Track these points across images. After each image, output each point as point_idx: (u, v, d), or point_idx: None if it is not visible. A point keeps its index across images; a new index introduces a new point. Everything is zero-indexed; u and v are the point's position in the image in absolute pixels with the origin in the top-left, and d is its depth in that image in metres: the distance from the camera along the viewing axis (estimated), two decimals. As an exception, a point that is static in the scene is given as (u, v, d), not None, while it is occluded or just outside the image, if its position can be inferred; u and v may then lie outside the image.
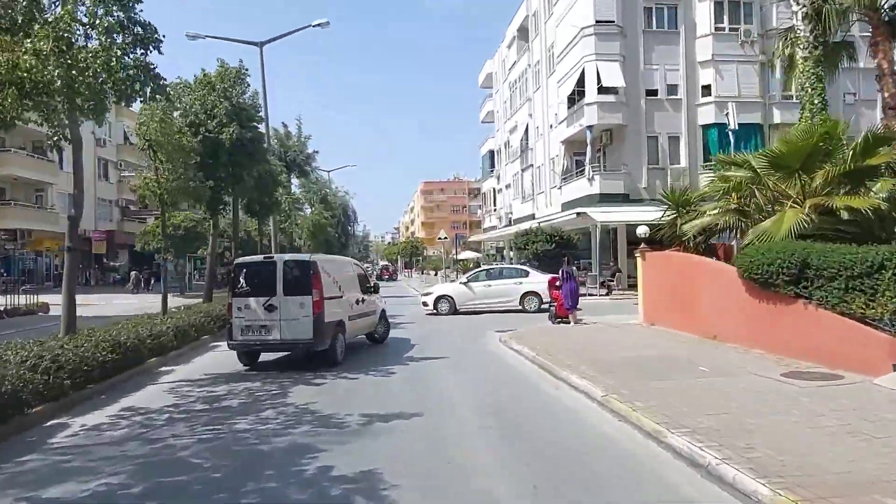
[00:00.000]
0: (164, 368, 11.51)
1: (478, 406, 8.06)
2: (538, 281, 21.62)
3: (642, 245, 16.22)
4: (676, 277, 14.23)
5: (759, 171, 13.08)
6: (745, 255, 11.06)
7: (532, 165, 41.96)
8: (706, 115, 30.97)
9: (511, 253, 51.38)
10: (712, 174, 30.65)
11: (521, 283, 21.67)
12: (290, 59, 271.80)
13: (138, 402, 8.74)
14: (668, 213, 15.37)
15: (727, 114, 18.74)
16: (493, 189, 55.41)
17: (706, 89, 31.16)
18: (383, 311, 14.81)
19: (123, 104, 10.34)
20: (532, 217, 40.37)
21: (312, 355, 11.50)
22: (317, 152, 33.79)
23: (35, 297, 25.73)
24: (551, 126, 37.53)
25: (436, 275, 56.23)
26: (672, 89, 31.40)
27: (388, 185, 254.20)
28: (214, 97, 16.47)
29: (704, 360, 10.27)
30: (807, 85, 15.55)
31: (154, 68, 10.28)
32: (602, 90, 30.33)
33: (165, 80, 10.43)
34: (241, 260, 12.62)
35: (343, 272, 12.84)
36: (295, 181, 38.91)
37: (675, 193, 15.25)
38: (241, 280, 11.50)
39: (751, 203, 13.20)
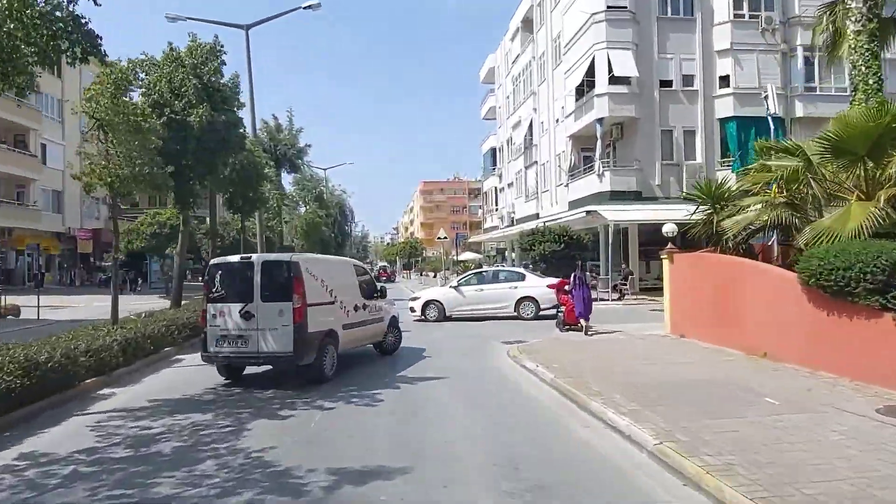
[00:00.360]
0: (104, 391, 9.51)
1: (487, 457, 6.04)
2: (535, 285, 19.70)
3: (669, 245, 14.26)
4: (713, 282, 12.23)
5: (812, 158, 11.14)
6: (811, 258, 9.05)
7: (536, 162, 39.97)
8: (724, 107, 29.01)
9: (513, 254, 49.40)
10: (730, 171, 28.91)
11: (516, 287, 19.69)
12: (286, 59, 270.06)
13: (47, 444, 6.74)
14: (700, 208, 13.40)
15: (766, 97, 16.71)
16: (495, 188, 53.42)
17: (724, 80, 29.18)
18: (394, 318, 13.06)
19: (47, 68, 8.33)
20: (536, 216, 38.46)
21: (296, 370, 9.82)
22: (309, 146, 31.77)
23: (3, 298, 23.71)
24: (557, 120, 35.56)
25: (434, 276, 54.25)
26: (688, 80, 29.40)
27: (387, 185, 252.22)
28: (183, 74, 14.44)
29: (766, 386, 8.28)
30: (860, 63, 13.53)
31: (86, 22, 8.30)
32: (613, 80, 28.33)
33: (101, 38, 8.44)
34: (216, 260, 10.81)
35: (337, 274, 11.18)
36: (288, 178, 37.02)
37: (711, 186, 13.22)
38: (216, 283, 10.06)
39: (807, 195, 11.22)
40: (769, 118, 15.72)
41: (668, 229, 14.18)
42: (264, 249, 24.74)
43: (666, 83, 29.25)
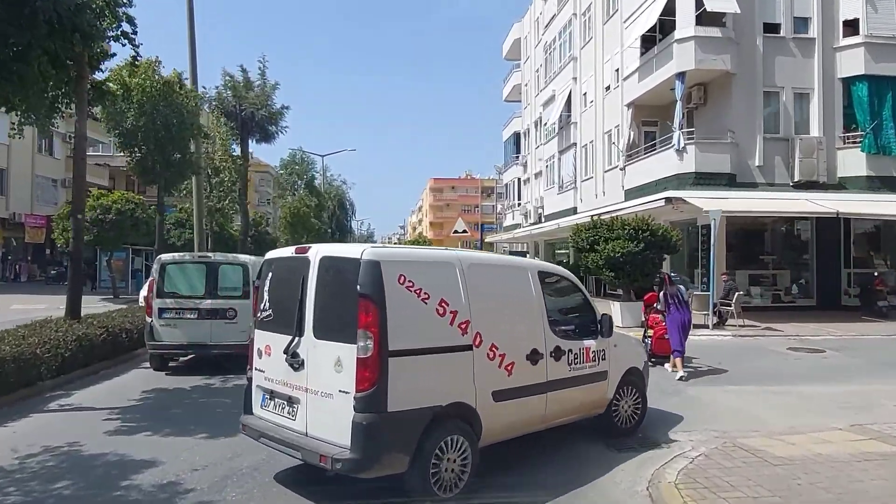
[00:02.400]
0: None
1: None
2: None
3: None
4: None
5: None
6: None
7: (575, 145, 32.19)
8: (851, 62, 21.11)
9: (537, 258, 41.55)
10: (859, 150, 21.03)
11: None
12: (290, 61, 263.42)
13: None
14: None
15: None
16: (518, 179, 45.65)
17: (851, 26, 21.31)
18: (632, 371, 7.04)
19: None
20: (574, 211, 30.82)
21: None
22: (286, 108, 23.78)
23: None
24: (608, 88, 27.81)
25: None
26: (801, 24, 21.54)
27: (396, 185, 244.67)
28: None
29: None
30: None
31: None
32: (702, 19, 20.57)
33: None
34: (271, 254, 5.83)
35: (483, 288, 5.32)
36: (276, 161, 29.30)
37: None
38: (266, 294, 5.37)
39: None
40: None
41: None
42: (204, 240, 16.99)
43: (772, 27, 21.41)
